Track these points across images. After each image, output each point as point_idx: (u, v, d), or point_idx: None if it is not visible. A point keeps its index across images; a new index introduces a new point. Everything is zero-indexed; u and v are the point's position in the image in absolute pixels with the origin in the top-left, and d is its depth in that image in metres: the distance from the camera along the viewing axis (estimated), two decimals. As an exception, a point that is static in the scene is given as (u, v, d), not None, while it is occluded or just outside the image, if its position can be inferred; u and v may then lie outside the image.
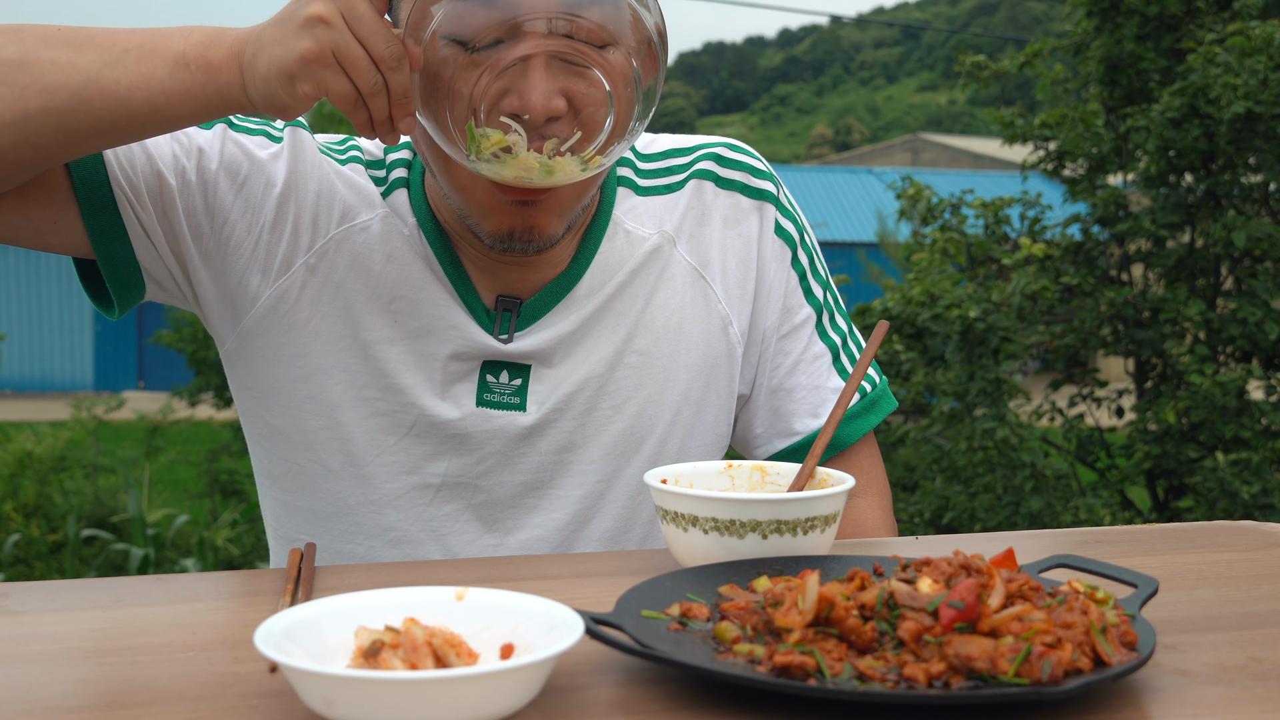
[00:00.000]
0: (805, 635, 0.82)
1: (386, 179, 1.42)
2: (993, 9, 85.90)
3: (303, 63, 1.11)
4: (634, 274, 1.43)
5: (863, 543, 1.29)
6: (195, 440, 10.43)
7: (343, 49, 1.10)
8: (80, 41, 1.19)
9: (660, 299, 1.44)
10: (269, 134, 1.40)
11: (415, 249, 1.39)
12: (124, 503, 7.54)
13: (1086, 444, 5.76)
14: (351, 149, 1.45)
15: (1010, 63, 6.11)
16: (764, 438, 1.52)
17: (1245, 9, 5.56)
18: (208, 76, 1.16)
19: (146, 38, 1.19)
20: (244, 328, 1.39)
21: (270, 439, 1.44)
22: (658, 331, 1.44)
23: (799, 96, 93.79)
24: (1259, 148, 5.29)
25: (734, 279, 1.48)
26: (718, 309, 1.47)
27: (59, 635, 0.94)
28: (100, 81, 1.17)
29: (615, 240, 1.44)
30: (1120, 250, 5.90)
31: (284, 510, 1.46)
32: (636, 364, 1.43)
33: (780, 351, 1.50)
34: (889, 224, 12.64)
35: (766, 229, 1.49)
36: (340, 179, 1.40)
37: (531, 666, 0.74)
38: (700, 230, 1.47)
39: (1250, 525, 1.36)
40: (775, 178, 1.52)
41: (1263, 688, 0.83)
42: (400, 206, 1.41)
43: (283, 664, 0.73)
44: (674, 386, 1.44)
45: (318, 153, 1.41)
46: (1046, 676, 0.76)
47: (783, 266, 1.50)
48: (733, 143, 1.53)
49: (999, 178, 20.57)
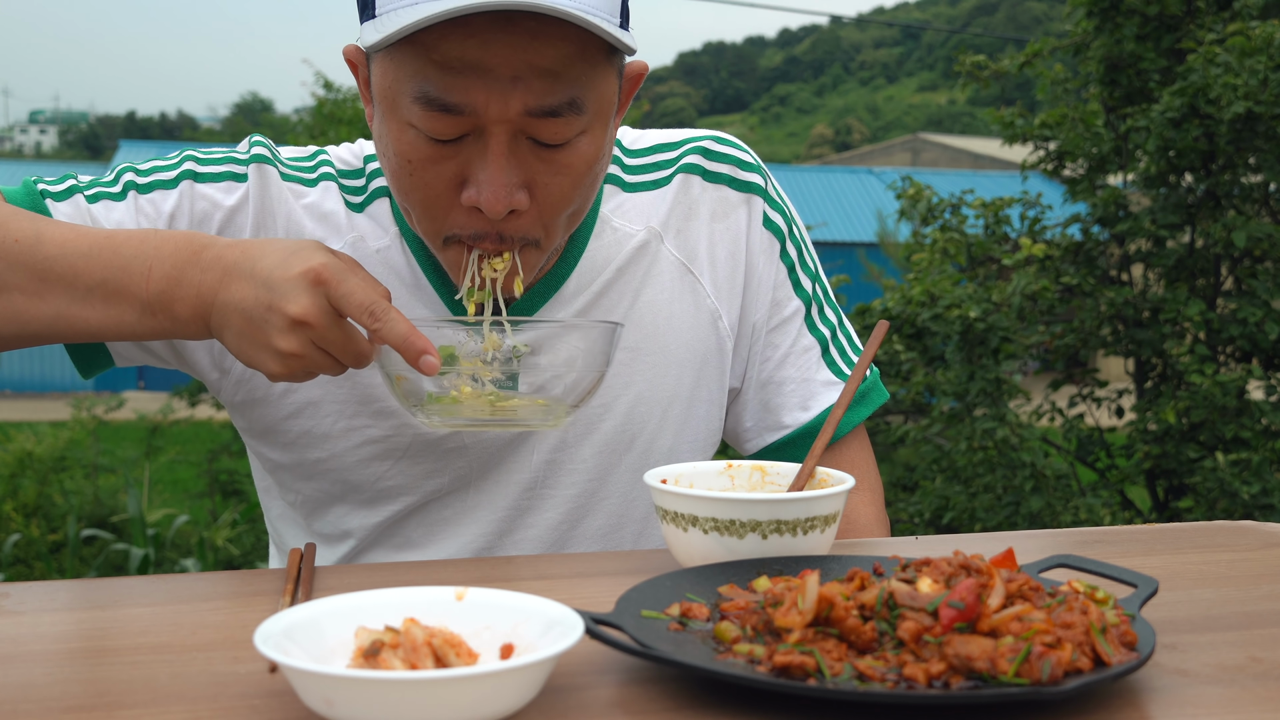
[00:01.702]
0: (805, 635, 0.82)
1: (365, 188, 1.40)
2: (993, 9, 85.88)
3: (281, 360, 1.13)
4: (620, 271, 1.42)
5: (863, 543, 1.29)
6: (195, 440, 10.43)
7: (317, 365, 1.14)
8: (40, 268, 1.17)
9: (648, 295, 1.43)
10: (234, 175, 1.37)
11: (391, 263, 1.37)
12: (124, 503, 7.53)
13: (1086, 444, 5.76)
14: (323, 164, 1.42)
15: (1010, 63, 6.12)
16: (754, 431, 1.51)
17: (1245, 9, 5.56)
18: (176, 326, 1.17)
19: (108, 272, 1.17)
20: (231, 377, 1.38)
21: (274, 472, 1.45)
22: (646, 328, 1.43)
23: (799, 96, 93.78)
24: (1259, 148, 5.29)
25: (723, 272, 1.46)
26: (706, 303, 1.46)
27: (59, 635, 0.94)
28: (70, 319, 1.18)
29: (603, 238, 1.42)
30: (1120, 250, 5.90)
31: (289, 528, 1.48)
32: (625, 360, 1.42)
33: (769, 345, 1.49)
34: (889, 224, 12.65)
35: (755, 221, 1.48)
36: (307, 212, 1.38)
37: (531, 666, 0.74)
38: (687, 225, 1.46)
39: (1250, 525, 1.36)
40: (763, 169, 1.51)
41: (1263, 688, 0.83)
42: (381, 216, 1.39)
43: (283, 664, 0.73)
44: (664, 382, 1.44)
45: (282, 187, 1.38)
46: (1046, 676, 0.76)
47: (771, 259, 1.49)
48: (719, 135, 1.51)
49: (999, 178, 20.57)
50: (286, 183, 1.38)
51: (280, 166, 1.39)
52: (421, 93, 1.15)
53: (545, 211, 1.22)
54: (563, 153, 1.20)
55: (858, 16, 70.78)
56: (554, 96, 1.15)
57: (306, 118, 12.96)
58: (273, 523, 1.51)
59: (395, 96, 1.18)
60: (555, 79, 1.15)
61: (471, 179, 1.19)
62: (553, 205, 1.23)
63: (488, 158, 1.17)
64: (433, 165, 1.19)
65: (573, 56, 1.15)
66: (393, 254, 1.38)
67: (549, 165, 1.20)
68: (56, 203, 1.31)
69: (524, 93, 1.14)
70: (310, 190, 1.39)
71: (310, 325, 1.10)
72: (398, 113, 1.19)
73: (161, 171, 1.37)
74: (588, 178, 1.24)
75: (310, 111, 12.30)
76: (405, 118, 1.18)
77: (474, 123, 1.16)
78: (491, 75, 1.13)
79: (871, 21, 59.95)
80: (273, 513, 1.50)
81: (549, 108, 1.15)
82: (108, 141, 75.60)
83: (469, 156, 1.19)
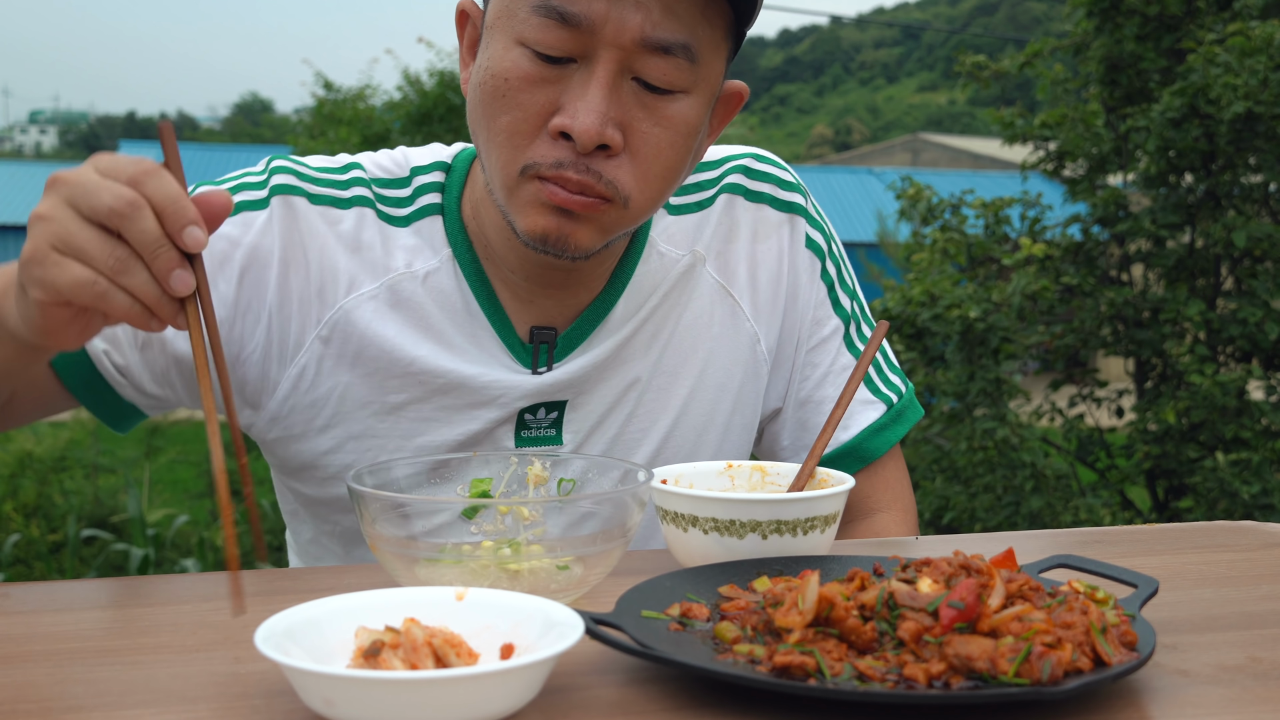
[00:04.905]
0: (805, 635, 0.82)
1: (411, 200, 1.34)
2: (993, 9, 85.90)
3: (23, 269, 0.93)
4: (665, 296, 1.39)
5: (862, 543, 1.29)
6: (195, 440, 10.43)
7: (62, 235, 0.89)
8: None
9: (688, 319, 1.41)
10: (251, 203, 1.29)
11: (440, 289, 1.32)
12: (124, 503, 7.54)
13: (1086, 444, 5.77)
14: (356, 181, 1.34)
15: (1010, 63, 6.12)
16: (790, 450, 1.50)
17: (1245, 9, 5.57)
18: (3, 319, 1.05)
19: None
20: (268, 413, 1.33)
21: (309, 506, 1.41)
22: (685, 352, 1.40)
23: (799, 96, 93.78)
24: (1259, 148, 5.29)
25: (764, 295, 1.44)
26: (746, 326, 1.44)
27: (59, 635, 0.94)
28: None
29: (650, 262, 1.39)
30: (1120, 250, 5.90)
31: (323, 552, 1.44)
32: (664, 386, 1.39)
33: (809, 364, 1.47)
34: (889, 224, 12.65)
35: (797, 242, 1.46)
36: (341, 244, 1.31)
37: (531, 666, 0.74)
38: (728, 247, 1.43)
39: (1250, 525, 1.36)
40: (803, 187, 1.49)
41: (1263, 688, 0.83)
42: (431, 234, 1.33)
43: (283, 664, 0.73)
44: (701, 408, 1.41)
45: (312, 217, 1.30)
46: (1046, 676, 0.76)
47: (813, 279, 1.47)
48: (759, 153, 1.49)
49: (999, 178, 20.57)
50: (317, 206, 1.31)
51: (308, 187, 1.32)
52: (542, 0, 1.14)
53: (639, 162, 1.19)
54: (666, 102, 1.18)
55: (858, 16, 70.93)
56: (671, 31, 1.14)
57: (306, 118, 12.97)
58: (303, 546, 1.47)
59: (513, 10, 1.16)
60: (676, 17, 1.14)
61: (567, 106, 1.15)
62: (647, 158, 1.19)
63: (590, 83, 1.14)
64: (529, 87, 1.16)
65: (697, 6, 1.16)
66: (442, 278, 1.32)
67: (650, 114, 1.18)
68: None
69: (644, 18, 1.13)
70: (344, 214, 1.32)
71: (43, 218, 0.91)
72: (510, 28, 1.16)
73: None
74: (684, 144, 1.21)
75: (310, 111, 12.31)
76: (517, 33, 1.15)
77: (586, 43, 1.14)
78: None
79: (871, 21, 59.97)
80: (302, 537, 1.46)
81: (664, 42, 1.14)
82: (108, 141, 75.65)
83: (569, 85, 1.16)
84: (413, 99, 10.27)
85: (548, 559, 1.01)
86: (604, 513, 1.02)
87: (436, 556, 1.02)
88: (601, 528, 1.02)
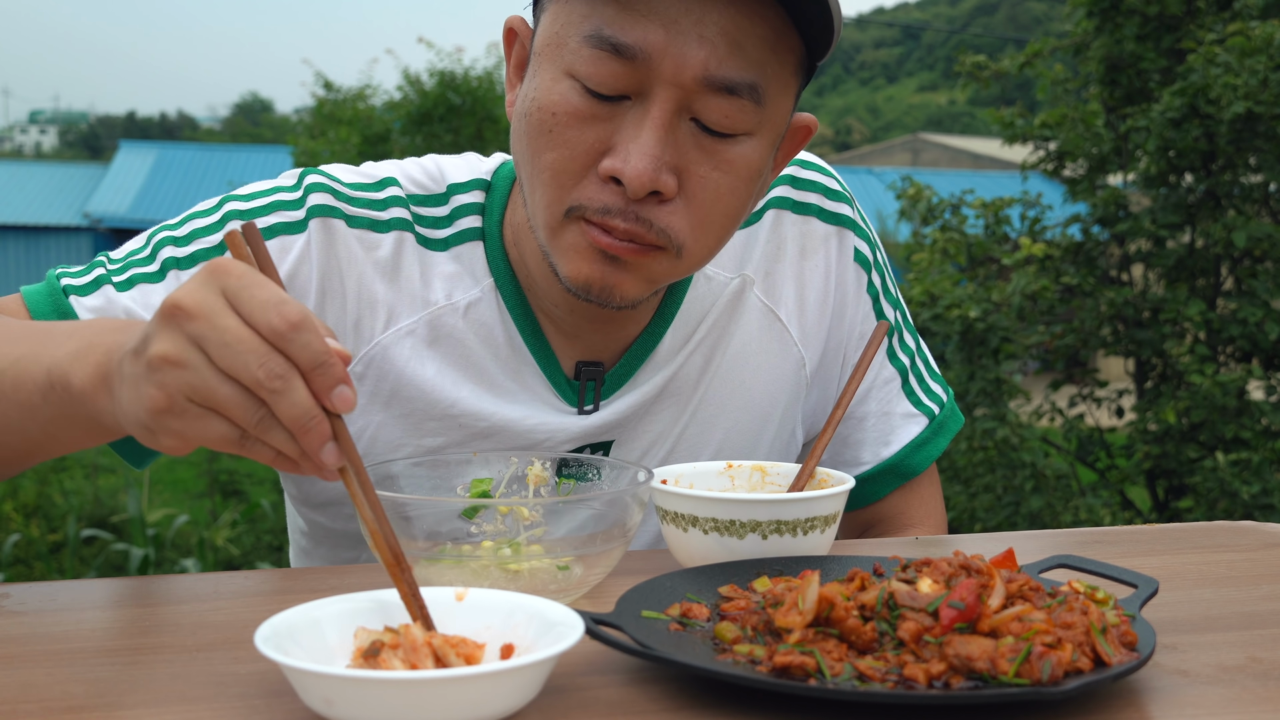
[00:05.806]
0: (805, 635, 0.82)
1: (449, 221, 1.27)
2: (993, 9, 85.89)
3: (154, 416, 0.84)
4: (714, 325, 1.34)
5: (862, 543, 1.29)
6: (195, 440, 10.40)
7: (201, 390, 0.81)
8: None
9: (735, 347, 1.35)
10: (286, 225, 1.21)
11: (482, 322, 1.25)
12: (124, 503, 7.54)
13: (1086, 444, 5.76)
14: (393, 201, 1.25)
15: (1010, 63, 6.12)
16: (829, 465, 1.46)
17: (1245, 9, 5.57)
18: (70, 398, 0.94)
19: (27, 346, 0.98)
20: None
21: (330, 538, 1.36)
22: (732, 385, 1.35)
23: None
24: (1259, 148, 5.29)
25: (811, 315, 1.39)
26: (792, 351, 1.38)
27: (59, 635, 0.94)
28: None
29: (698, 288, 1.33)
30: (1120, 250, 5.90)
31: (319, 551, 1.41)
32: (710, 418, 1.35)
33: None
34: (889, 224, 12.64)
35: (845, 256, 1.40)
36: (379, 272, 1.23)
37: (531, 666, 0.74)
38: (775, 266, 1.37)
39: (1250, 525, 1.36)
40: (850, 197, 1.42)
41: (1263, 688, 0.83)
42: (472, 261, 1.26)
43: (283, 664, 0.73)
44: (746, 433, 1.37)
45: (350, 241, 1.23)
46: (1046, 676, 0.76)
47: (860, 293, 1.42)
48: (804, 159, 1.40)
49: (999, 178, 20.56)
50: (355, 230, 1.24)
51: (345, 208, 1.24)
52: (595, 30, 1.04)
53: (695, 209, 1.10)
54: (727, 146, 1.09)
55: (858, 16, 70.85)
56: (737, 70, 1.05)
57: (306, 118, 12.97)
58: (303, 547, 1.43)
59: (563, 39, 1.07)
60: (743, 54, 1.05)
61: (618, 148, 1.06)
62: (704, 204, 1.10)
63: (645, 124, 1.05)
64: (579, 124, 1.07)
65: (766, 41, 1.06)
66: (484, 309, 1.26)
67: (709, 157, 1.09)
68: (81, 298, 1.18)
69: (708, 54, 1.04)
70: (382, 238, 1.24)
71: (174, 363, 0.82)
72: (560, 58, 1.07)
73: (202, 236, 1.21)
74: (745, 190, 1.12)
75: (310, 111, 12.31)
76: (567, 64, 1.07)
77: (641, 79, 1.05)
78: (676, 26, 1.03)
79: (871, 21, 60.01)
80: (314, 558, 1.42)
81: (729, 82, 1.05)
82: (108, 141, 75.56)
83: (622, 124, 1.07)
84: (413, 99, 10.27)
85: (548, 559, 1.01)
86: (604, 513, 1.02)
87: (436, 556, 1.01)
88: (601, 528, 1.02)
